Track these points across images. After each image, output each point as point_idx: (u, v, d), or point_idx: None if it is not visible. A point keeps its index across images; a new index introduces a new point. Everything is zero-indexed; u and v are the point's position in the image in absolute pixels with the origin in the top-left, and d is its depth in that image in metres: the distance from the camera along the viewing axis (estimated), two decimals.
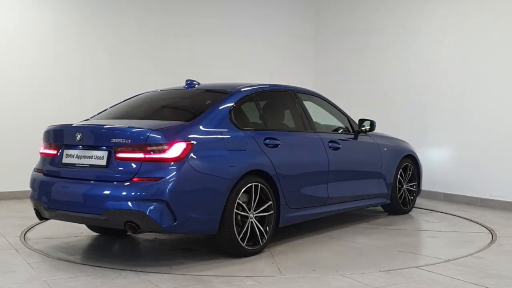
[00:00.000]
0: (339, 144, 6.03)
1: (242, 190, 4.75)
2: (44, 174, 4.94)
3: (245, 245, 4.78)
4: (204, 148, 4.62)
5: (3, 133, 8.18)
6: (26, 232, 5.90)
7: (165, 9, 9.45)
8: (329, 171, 5.82)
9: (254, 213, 4.88)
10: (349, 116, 6.53)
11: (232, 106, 5.08)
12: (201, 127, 4.72)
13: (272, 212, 5.04)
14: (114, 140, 4.50)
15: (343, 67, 10.23)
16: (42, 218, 5.01)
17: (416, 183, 7.27)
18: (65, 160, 4.81)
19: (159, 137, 4.41)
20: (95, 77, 8.87)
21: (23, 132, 8.13)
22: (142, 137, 4.41)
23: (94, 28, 8.88)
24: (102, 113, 5.63)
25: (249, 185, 4.81)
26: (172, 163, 4.38)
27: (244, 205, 4.79)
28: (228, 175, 4.65)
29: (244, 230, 4.78)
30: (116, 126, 4.74)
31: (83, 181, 4.62)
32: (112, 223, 4.50)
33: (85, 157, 4.66)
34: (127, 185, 4.35)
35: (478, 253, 5.11)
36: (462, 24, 8.10)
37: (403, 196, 7.03)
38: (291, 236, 5.73)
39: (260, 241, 4.93)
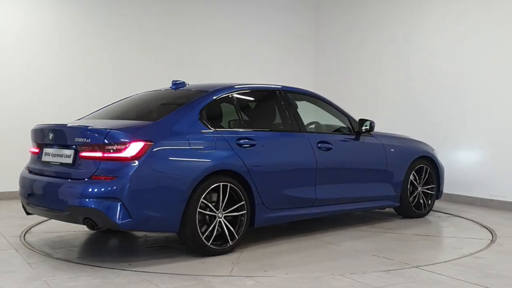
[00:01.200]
0: (331, 144, 5.89)
1: (208, 190, 4.78)
2: (29, 172, 5.19)
3: (211, 244, 4.80)
4: (165, 148, 4.67)
5: (4, 133, 8.19)
6: (26, 232, 5.91)
7: (165, 9, 9.45)
8: (317, 172, 5.69)
9: (224, 212, 4.90)
10: (350, 117, 6.37)
11: (204, 106, 5.12)
12: (165, 127, 4.81)
13: (244, 212, 5.04)
14: (77, 139, 4.70)
15: (343, 67, 10.23)
16: (28, 213, 5.24)
17: (434, 185, 6.93)
18: (43, 158, 5.05)
19: (117, 136, 4.54)
20: (96, 77, 8.87)
21: (23, 132, 8.07)
22: (101, 136, 4.57)
23: (94, 28, 8.88)
24: (94, 113, 5.72)
25: (216, 184, 4.83)
26: (128, 162, 4.48)
27: (209, 204, 4.82)
28: (189, 175, 4.67)
29: (210, 229, 4.80)
30: (80, 126, 4.87)
31: (54, 178, 4.83)
32: (73, 219, 4.69)
33: (58, 155, 4.90)
34: (86, 183, 4.51)
35: (478, 253, 5.11)
36: (463, 24, 8.10)
37: (416, 199, 6.75)
38: (273, 237, 5.66)
39: (230, 241, 4.93)
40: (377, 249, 5.24)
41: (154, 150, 4.57)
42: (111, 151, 4.51)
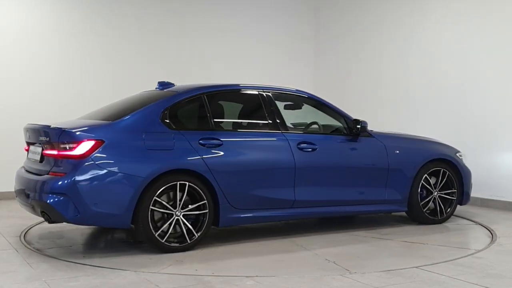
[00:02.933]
0: (316, 145, 5.74)
1: (162, 189, 4.90)
2: (23, 169, 5.53)
3: (165, 241, 4.93)
4: (117, 147, 4.85)
5: (4, 133, 8.19)
6: (26, 232, 5.91)
7: (165, 9, 9.45)
8: (297, 173, 5.57)
9: (182, 211, 4.99)
10: (348, 117, 6.12)
11: (168, 107, 5.23)
12: (120, 127, 4.98)
13: (206, 211, 5.09)
14: (41, 138, 5.09)
15: (343, 67, 10.23)
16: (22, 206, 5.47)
17: (455, 190, 6.50)
18: (29, 155, 5.49)
19: (70, 135, 4.81)
20: (96, 77, 8.87)
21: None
22: (56, 135, 4.88)
23: (94, 28, 8.87)
24: (88, 114, 5.78)
25: (173, 183, 4.94)
26: (77, 159, 4.73)
27: (163, 202, 4.93)
28: (140, 173, 4.81)
29: (166, 227, 4.94)
30: (43, 125, 5.17)
31: (30, 174, 5.22)
32: (35, 212, 5.01)
33: (34, 153, 5.32)
34: (44, 178, 4.84)
35: (478, 253, 5.11)
36: (463, 24, 8.10)
37: (432, 205, 6.36)
38: (245, 238, 5.64)
39: (188, 240, 5.01)
40: (338, 254, 5.03)
41: (104, 149, 4.78)
42: (65, 149, 4.79)
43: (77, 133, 4.81)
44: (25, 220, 6.42)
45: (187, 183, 5.00)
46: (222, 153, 5.24)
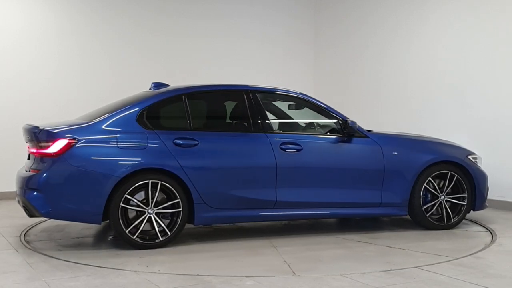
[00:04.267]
0: (300, 146, 5.64)
1: (133, 187, 5.05)
2: (23, 167, 5.63)
3: (136, 238, 5.07)
4: (88, 146, 5.05)
5: (3, 133, 8.20)
6: (26, 232, 5.91)
7: (165, 9, 9.45)
8: (279, 174, 5.52)
9: (155, 209, 5.12)
10: (342, 117, 5.91)
11: (146, 107, 5.37)
12: (95, 127, 5.17)
13: (180, 210, 5.19)
14: (27, 137, 5.38)
15: (343, 67, 10.23)
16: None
17: (465, 195, 6.14)
18: (27, 154, 5.63)
19: (45, 135, 5.08)
20: (96, 77, 8.86)
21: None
22: (35, 135, 5.17)
23: (94, 28, 8.87)
24: (84, 114, 5.82)
25: (144, 182, 5.07)
26: (51, 158, 4.99)
27: (134, 199, 5.07)
28: (111, 172, 5.00)
29: (137, 224, 5.08)
30: (29, 125, 5.37)
31: (23, 172, 5.40)
32: (21, 205, 5.29)
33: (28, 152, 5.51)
34: (26, 175, 5.19)
35: (478, 253, 5.11)
36: (463, 24, 8.10)
37: (432, 209, 6.05)
38: (216, 238, 5.66)
39: (160, 237, 5.14)
40: (303, 256, 4.95)
41: (76, 147, 5.01)
42: (42, 147, 5.08)
43: (52, 132, 5.07)
44: (25, 220, 6.41)
45: (159, 181, 5.11)
46: (197, 153, 5.32)
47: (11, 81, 8.35)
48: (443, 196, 6.10)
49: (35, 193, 5.00)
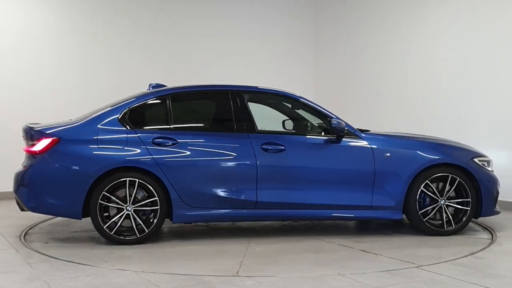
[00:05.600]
0: (283, 146, 5.57)
1: (111, 184, 5.24)
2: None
3: (114, 234, 5.28)
4: (70, 145, 5.29)
5: (3, 133, 8.20)
6: (26, 232, 5.91)
7: (165, 9, 9.46)
8: (259, 174, 5.49)
9: (133, 206, 5.30)
10: (332, 117, 5.76)
11: (130, 107, 5.54)
12: (79, 126, 5.41)
13: (157, 208, 5.33)
14: (22, 135, 5.56)
15: (343, 67, 10.23)
16: None
17: (468, 199, 5.81)
18: None
19: (33, 134, 5.37)
20: (96, 78, 8.88)
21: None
22: (25, 134, 5.47)
23: (94, 28, 8.88)
24: (83, 114, 5.86)
25: (121, 180, 5.25)
26: (36, 155, 5.30)
27: (112, 197, 5.25)
28: (89, 170, 5.23)
29: (115, 220, 5.27)
30: (25, 125, 5.57)
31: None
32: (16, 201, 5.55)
33: None
34: (19, 171, 5.47)
35: (478, 253, 5.11)
36: (463, 24, 8.10)
37: (431, 214, 5.77)
38: (192, 238, 5.66)
39: (137, 234, 5.30)
40: (263, 257, 4.91)
41: (59, 146, 5.26)
42: (30, 145, 5.37)
43: (38, 131, 5.34)
44: (25, 220, 6.42)
45: (137, 180, 5.27)
46: (176, 152, 5.42)
47: (11, 81, 8.37)
48: (443, 201, 5.79)
49: (22, 188, 5.35)
